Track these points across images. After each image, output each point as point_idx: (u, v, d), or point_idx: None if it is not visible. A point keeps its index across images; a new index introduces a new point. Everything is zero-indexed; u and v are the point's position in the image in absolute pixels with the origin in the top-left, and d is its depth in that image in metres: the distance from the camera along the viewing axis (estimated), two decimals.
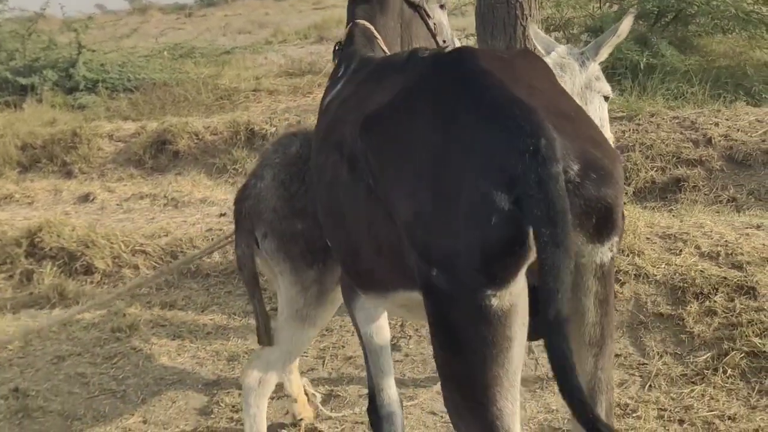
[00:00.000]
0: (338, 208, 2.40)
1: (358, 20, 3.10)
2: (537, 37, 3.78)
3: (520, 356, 1.90)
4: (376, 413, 2.93)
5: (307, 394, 3.85)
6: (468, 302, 1.83)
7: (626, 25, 3.56)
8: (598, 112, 3.54)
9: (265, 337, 3.19)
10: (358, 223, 2.27)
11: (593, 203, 1.85)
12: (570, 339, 1.71)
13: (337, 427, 3.76)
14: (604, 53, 3.67)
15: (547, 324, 1.71)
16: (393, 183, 2.02)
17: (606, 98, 3.59)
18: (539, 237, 1.72)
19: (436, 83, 2.06)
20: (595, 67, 3.52)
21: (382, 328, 2.87)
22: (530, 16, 4.42)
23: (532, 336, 1.94)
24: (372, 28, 3.07)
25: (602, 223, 1.89)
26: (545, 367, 4.09)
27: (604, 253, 1.94)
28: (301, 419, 3.78)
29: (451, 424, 3.61)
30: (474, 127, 1.87)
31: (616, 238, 1.95)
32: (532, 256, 1.79)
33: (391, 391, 2.92)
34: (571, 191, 1.79)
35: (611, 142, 2.45)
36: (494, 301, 1.81)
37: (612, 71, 7.80)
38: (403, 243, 1.99)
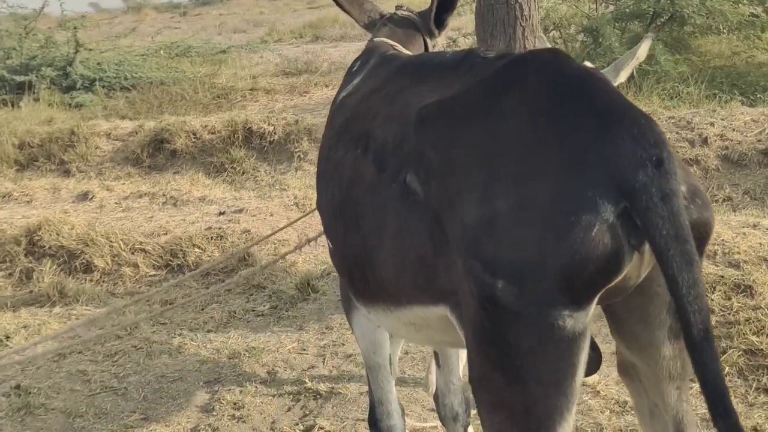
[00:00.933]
0: (354, 209, 2.22)
1: (376, 38, 3.06)
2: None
3: (580, 385, 1.76)
4: (376, 426, 2.85)
5: None
6: (538, 321, 1.67)
7: (645, 48, 3.57)
8: None
9: None
10: (379, 228, 2.08)
11: (697, 228, 1.71)
12: (716, 360, 1.60)
13: (338, 425, 3.78)
14: (624, 75, 3.65)
15: (694, 346, 1.58)
16: (459, 184, 1.82)
17: None
18: (667, 258, 1.58)
19: (530, 80, 1.84)
20: None
21: (382, 345, 2.75)
22: (530, 16, 4.44)
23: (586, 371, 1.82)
24: (393, 42, 3.00)
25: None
26: None
27: None
28: None
29: None
30: (586, 131, 1.69)
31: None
32: (619, 278, 1.67)
33: (391, 406, 2.83)
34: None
35: None
36: (569, 323, 1.66)
37: None
38: (441, 251, 1.85)
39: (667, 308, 1.82)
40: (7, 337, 4.87)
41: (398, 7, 3.32)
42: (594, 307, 1.71)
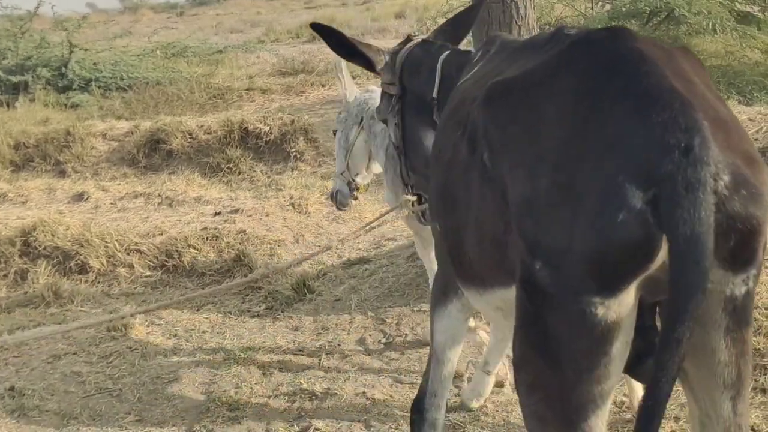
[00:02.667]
0: (452, 189, 2.22)
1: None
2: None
3: (618, 376, 1.75)
4: (420, 413, 2.86)
5: None
6: (571, 306, 1.66)
7: None
8: None
9: None
10: (468, 207, 2.08)
11: (737, 223, 1.63)
12: (677, 369, 1.57)
13: (334, 425, 3.76)
14: None
15: (665, 344, 1.57)
16: (511, 162, 1.84)
17: None
18: (675, 247, 1.56)
19: (582, 59, 1.83)
20: None
21: (458, 341, 2.79)
22: (525, 15, 4.43)
23: (632, 369, 1.81)
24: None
25: (741, 248, 1.68)
26: None
27: (737, 284, 1.72)
28: None
29: (449, 423, 3.63)
30: (621, 114, 1.67)
31: (753, 271, 1.73)
32: (653, 267, 1.63)
33: (442, 401, 2.85)
34: (717, 204, 1.59)
35: None
36: (600, 311, 1.64)
37: None
38: (509, 231, 1.83)
39: (723, 307, 1.74)
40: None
41: (410, 36, 3.40)
42: (631, 297, 1.67)
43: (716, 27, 8.44)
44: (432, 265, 3.88)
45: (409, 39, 3.37)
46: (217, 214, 6.30)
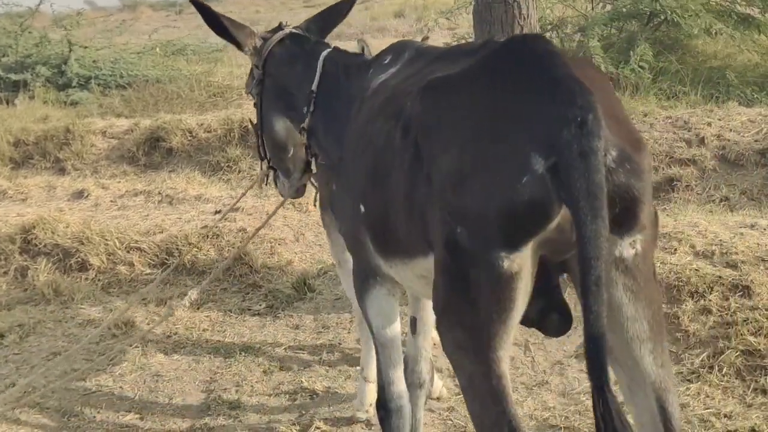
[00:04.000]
0: (384, 171, 2.47)
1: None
2: None
3: (520, 315, 2.03)
4: (385, 407, 2.96)
5: None
6: (483, 260, 1.94)
7: None
8: None
9: None
10: (397, 185, 2.35)
11: (621, 191, 1.91)
12: (604, 310, 1.78)
13: (335, 424, 3.77)
14: None
15: (586, 290, 1.78)
16: (439, 142, 2.12)
17: None
18: (578, 208, 1.80)
19: (504, 57, 2.13)
20: None
21: (393, 322, 2.92)
22: (528, 15, 4.43)
23: (529, 321, 2.13)
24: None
25: (624, 214, 1.95)
26: (542, 365, 4.11)
27: (625, 246, 2.00)
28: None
29: (448, 421, 3.64)
30: (530, 96, 1.96)
31: (638, 236, 2.00)
32: (550, 227, 1.90)
33: (401, 386, 2.97)
34: (606, 175, 1.85)
35: None
36: (506, 263, 1.92)
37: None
38: (433, 203, 2.09)
39: (615, 266, 2.00)
40: (2, 336, 4.85)
41: (282, 25, 3.63)
42: (530, 254, 1.96)
43: (709, 30, 8.44)
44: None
45: (279, 27, 3.58)
46: (217, 212, 6.29)
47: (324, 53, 3.32)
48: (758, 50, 8.82)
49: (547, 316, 2.14)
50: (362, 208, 2.69)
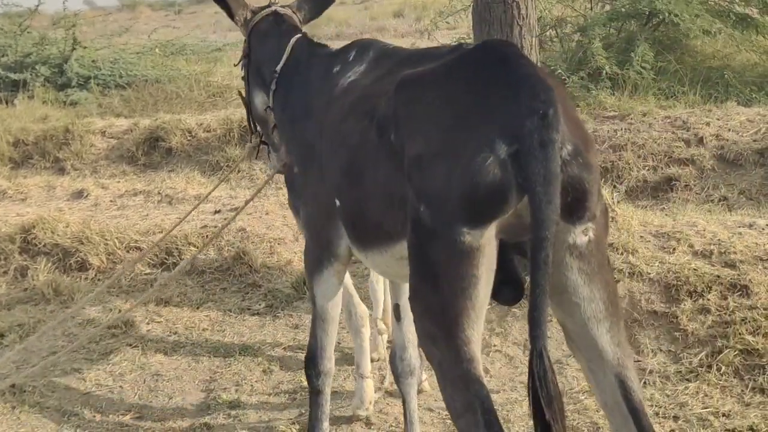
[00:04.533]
0: (358, 168, 2.63)
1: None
2: None
3: (486, 295, 2.15)
4: (316, 369, 3.24)
5: None
6: (446, 237, 2.09)
7: None
8: None
9: None
10: (376, 181, 2.51)
11: (573, 183, 2.08)
12: (548, 285, 1.98)
13: (335, 423, 3.77)
14: None
15: (536, 266, 1.96)
16: (412, 131, 2.29)
17: None
18: (533, 192, 1.97)
19: (476, 58, 2.32)
20: None
21: (338, 302, 3.21)
22: (527, 15, 4.44)
23: (507, 301, 2.31)
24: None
25: (576, 204, 2.11)
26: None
27: (577, 234, 2.16)
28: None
29: (448, 420, 3.65)
30: (498, 90, 2.13)
31: (590, 224, 2.17)
32: (509, 210, 2.06)
33: (330, 352, 3.27)
34: (561, 166, 2.02)
35: None
36: (468, 239, 2.06)
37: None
38: (405, 186, 2.25)
39: (569, 252, 2.16)
40: (2, 336, 4.86)
41: (272, 2, 3.76)
42: (492, 232, 2.09)
43: (707, 31, 8.44)
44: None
45: (270, 4, 3.75)
46: (216, 212, 6.30)
47: (295, 38, 3.51)
48: (757, 50, 8.82)
49: (502, 289, 2.26)
50: (338, 203, 2.84)
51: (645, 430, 2.18)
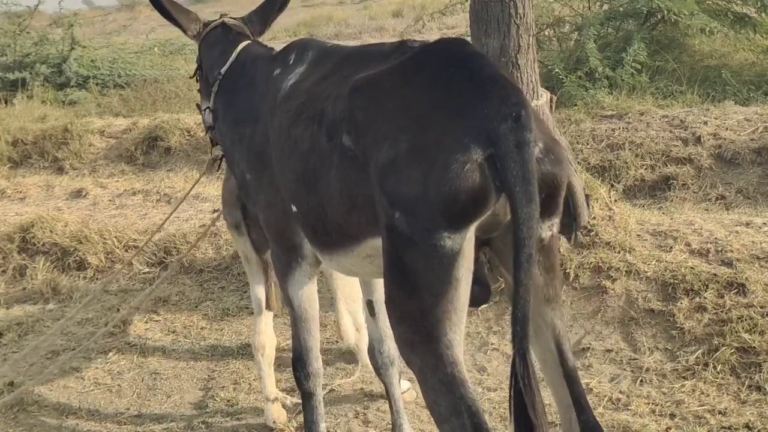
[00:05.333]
0: (312, 174, 2.60)
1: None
2: None
3: (466, 297, 2.15)
4: (305, 370, 3.21)
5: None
6: (425, 243, 2.07)
7: None
8: None
9: None
10: (331, 185, 2.48)
11: (547, 179, 2.13)
12: (531, 283, 2.00)
13: (332, 421, 3.79)
14: None
15: (519, 266, 1.97)
16: (375, 135, 2.26)
17: None
18: (513, 193, 1.98)
19: (434, 58, 2.32)
20: None
21: (314, 300, 3.19)
22: (524, 15, 4.44)
23: (475, 302, 2.28)
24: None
25: (548, 200, 2.16)
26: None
27: (545, 229, 2.23)
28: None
29: None
30: (466, 93, 2.13)
31: (556, 219, 2.26)
32: (487, 212, 2.07)
33: (317, 352, 3.24)
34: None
35: None
36: (448, 243, 2.06)
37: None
38: (375, 191, 2.22)
39: (538, 246, 2.18)
40: (0, 335, 4.87)
41: (223, 15, 3.86)
42: (471, 234, 2.09)
43: (705, 30, 8.45)
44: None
45: (221, 17, 3.84)
46: (215, 211, 6.30)
47: (243, 44, 3.57)
48: (754, 50, 8.83)
49: (472, 287, 2.24)
50: (294, 208, 2.83)
51: (577, 394, 2.29)
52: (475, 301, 2.30)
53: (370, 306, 3.43)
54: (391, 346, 3.39)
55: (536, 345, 2.36)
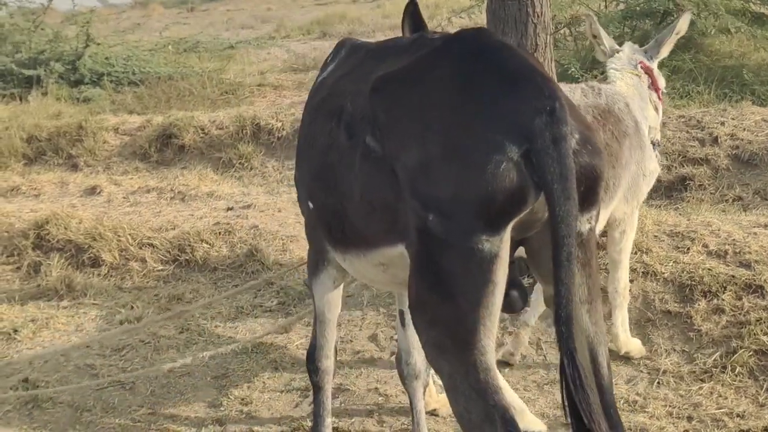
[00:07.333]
0: (331, 171, 2.55)
1: None
2: (601, 33, 4.08)
3: (501, 301, 2.09)
4: (314, 365, 3.30)
5: None
6: (462, 246, 2.01)
7: (684, 22, 3.97)
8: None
9: None
10: (351, 184, 2.42)
11: (586, 171, 2.08)
12: (574, 281, 1.95)
13: (347, 420, 3.77)
14: (665, 51, 4.03)
15: (559, 264, 1.93)
16: (402, 137, 2.19)
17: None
18: (551, 190, 1.93)
19: (455, 51, 2.24)
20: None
21: (335, 305, 3.23)
22: (542, 13, 4.42)
23: (514, 307, 2.27)
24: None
25: (588, 192, 2.11)
26: (554, 364, 4.10)
27: (583, 222, 2.15)
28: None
29: (455, 421, 3.64)
30: (496, 88, 2.07)
31: (594, 212, 2.19)
32: (526, 210, 2.02)
33: (330, 351, 3.30)
34: (573, 156, 2.00)
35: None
36: (486, 246, 2.00)
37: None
38: (400, 196, 2.16)
39: (577, 241, 2.07)
40: (15, 331, 4.87)
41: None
42: (508, 235, 2.04)
43: (726, 29, 8.39)
44: None
45: None
46: (229, 209, 6.31)
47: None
48: None
49: (508, 293, 2.19)
50: (311, 205, 2.84)
51: (608, 405, 2.21)
52: (514, 305, 2.28)
53: (401, 316, 3.41)
54: (418, 360, 3.38)
55: None
